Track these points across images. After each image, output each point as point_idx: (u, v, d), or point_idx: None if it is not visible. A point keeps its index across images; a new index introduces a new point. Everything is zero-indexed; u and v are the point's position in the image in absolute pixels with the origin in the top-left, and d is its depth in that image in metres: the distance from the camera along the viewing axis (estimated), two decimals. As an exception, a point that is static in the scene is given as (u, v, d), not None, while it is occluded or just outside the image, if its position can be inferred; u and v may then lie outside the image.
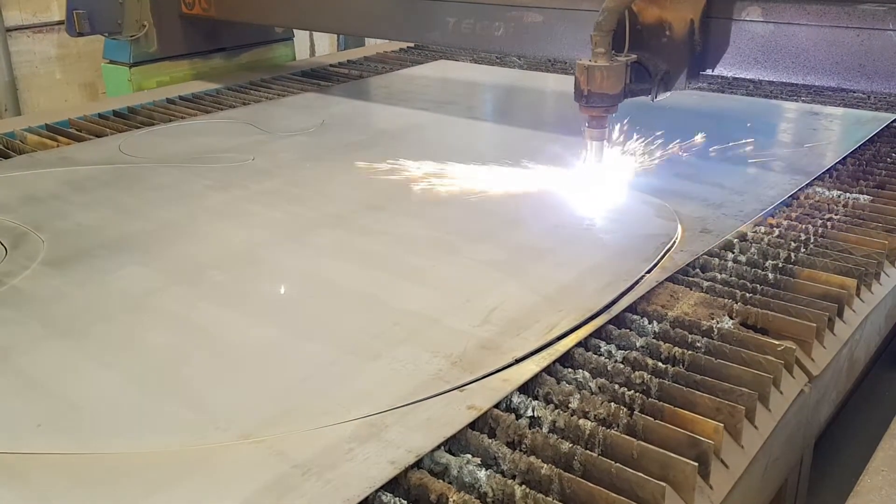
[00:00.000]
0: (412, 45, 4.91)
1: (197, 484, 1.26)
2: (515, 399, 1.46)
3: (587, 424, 1.38)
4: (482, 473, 1.28)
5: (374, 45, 4.98)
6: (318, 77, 4.28)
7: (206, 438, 1.36)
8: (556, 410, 1.43)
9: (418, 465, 1.30)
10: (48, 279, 1.96)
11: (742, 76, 2.40)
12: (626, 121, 2.59)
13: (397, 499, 1.23)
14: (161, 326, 1.75)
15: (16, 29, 5.09)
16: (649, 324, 1.71)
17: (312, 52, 6.22)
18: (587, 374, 1.53)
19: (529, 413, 1.43)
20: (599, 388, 1.50)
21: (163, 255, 2.09)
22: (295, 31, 4.70)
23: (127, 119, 3.47)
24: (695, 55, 2.37)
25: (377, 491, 1.23)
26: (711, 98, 3.66)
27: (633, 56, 2.22)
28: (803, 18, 2.24)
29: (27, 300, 1.86)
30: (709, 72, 2.43)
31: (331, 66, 4.56)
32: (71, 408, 1.46)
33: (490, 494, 1.25)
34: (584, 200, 2.34)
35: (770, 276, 1.91)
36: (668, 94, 2.37)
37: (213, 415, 1.43)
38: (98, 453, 1.34)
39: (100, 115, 3.49)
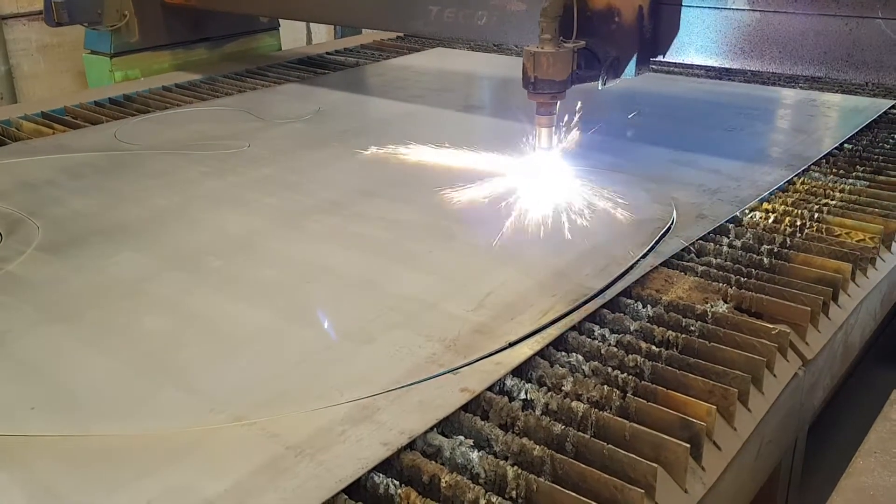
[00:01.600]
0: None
1: (191, 465, 1.27)
2: (509, 382, 1.47)
3: (580, 407, 1.38)
4: (475, 455, 1.28)
5: (371, 34, 4.96)
6: (315, 65, 4.27)
7: (201, 421, 1.37)
8: (550, 393, 1.43)
9: (411, 446, 1.31)
10: (43, 265, 1.96)
11: (728, 66, 2.36)
12: (633, 115, 2.57)
13: (390, 479, 1.23)
14: (156, 312, 1.75)
15: (11, 17, 5.07)
16: (643, 308, 1.72)
17: (309, 40, 6.19)
18: (581, 358, 1.53)
19: (523, 396, 1.44)
20: (593, 371, 1.50)
21: (158, 242, 2.09)
22: (287, 20, 4.66)
23: (122, 106, 3.46)
24: (645, 42, 2.33)
25: (370, 472, 1.24)
26: (709, 85, 3.65)
27: (582, 42, 2.19)
28: (790, 7, 2.20)
29: (22, 285, 1.86)
30: (684, 60, 2.40)
31: (327, 53, 4.54)
32: (66, 391, 1.47)
33: (482, 475, 1.25)
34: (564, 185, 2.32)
35: (765, 260, 1.91)
36: (618, 80, 2.33)
37: (208, 398, 1.43)
38: (93, 435, 1.34)
39: (95, 103, 3.48)
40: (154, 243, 2.08)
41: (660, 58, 2.40)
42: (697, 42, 2.35)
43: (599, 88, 2.29)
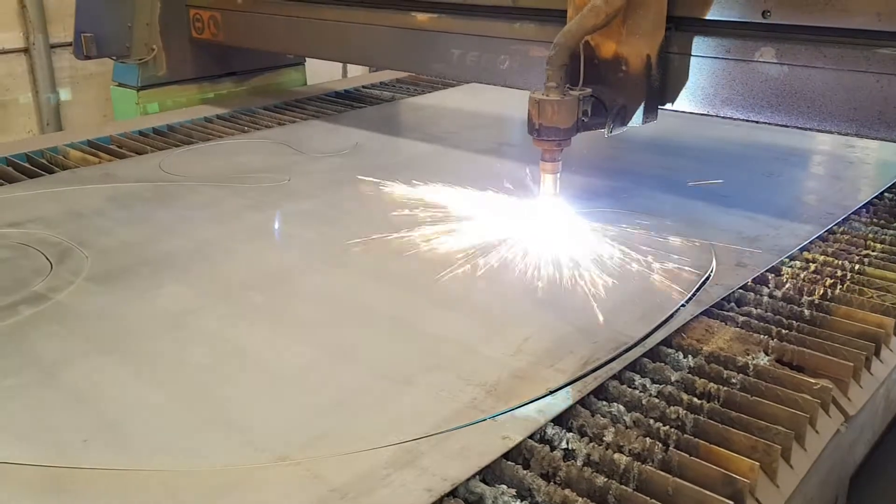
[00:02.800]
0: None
1: (236, 503, 1.29)
2: (549, 430, 1.47)
3: (622, 459, 1.39)
4: (517, 504, 1.29)
5: (408, 68, 5.03)
6: (352, 98, 4.34)
7: (246, 458, 1.39)
8: (591, 443, 1.43)
9: (453, 493, 1.32)
10: (92, 295, 2.01)
11: (755, 120, 2.28)
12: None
13: (433, 527, 1.24)
14: (200, 344, 1.79)
15: (59, 46, 5.22)
16: (684, 358, 1.72)
17: (345, 73, 6.29)
18: (622, 408, 1.53)
19: (564, 445, 1.44)
20: (634, 422, 1.50)
21: (202, 274, 2.13)
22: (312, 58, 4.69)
23: (166, 137, 3.55)
24: (653, 90, 2.35)
25: (413, 518, 1.25)
26: (745, 129, 3.65)
27: (588, 90, 2.22)
28: (819, 62, 2.15)
29: (72, 315, 1.91)
30: (709, 112, 2.38)
31: (363, 87, 4.62)
32: (115, 424, 1.50)
33: (525, 526, 1.26)
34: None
35: (806, 312, 1.91)
36: (625, 128, 2.35)
37: (252, 435, 1.46)
38: (142, 470, 1.36)
39: (140, 132, 3.57)
40: (198, 275, 2.12)
41: (673, 107, 2.41)
42: (723, 94, 2.31)
43: (606, 136, 2.32)
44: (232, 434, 1.47)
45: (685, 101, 2.40)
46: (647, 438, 1.44)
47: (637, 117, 2.34)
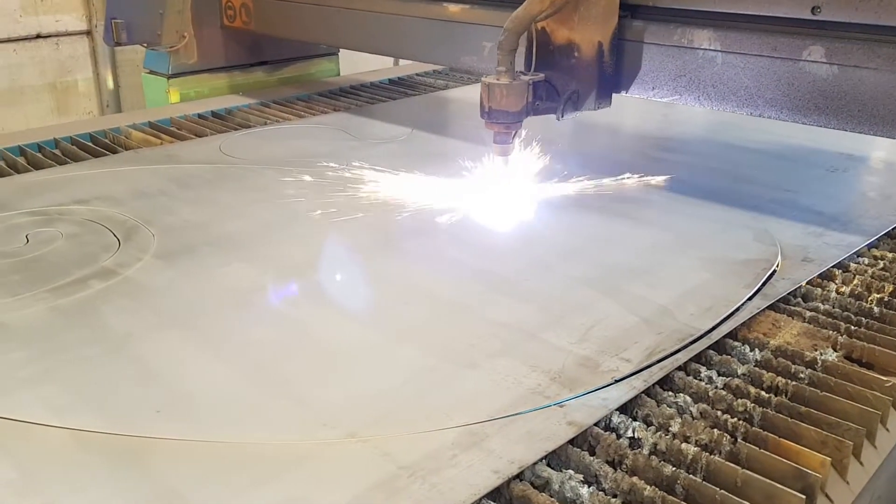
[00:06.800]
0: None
1: (307, 477, 1.31)
2: (615, 419, 1.47)
3: (689, 449, 1.38)
4: (584, 490, 1.29)
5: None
6: (405, 86, 4.36)
7: (315, 434, 1.41)
8: (658, 433, 1.43)
9: (519, 476, 1.32)
10: (159, 272, 2.05)
11: (801, 122, 2.19)
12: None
13: (501, 508, 1.25)
14: (265, 323, 1.82)
15: (120, 29, 5.32)
16: (750, 351, 1.70)
17: (396, 62, 6.31)
18: (688, 399, 1.52)
19: (630, 434, 1.44)
20: (701, 413, 1.49)
21: (264, 254, 2.16)
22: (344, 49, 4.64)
23: (225, 120, 3.60)
24: (605, 77, 2.39)
25: (481, 499, 1.26)
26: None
27: (541, 75, 2.28)
28: (872, 62, 2.03)
29: (140, 290, 1.95)
30: (752, 112, 2.29)
31: (417, 75, 4.63)
32: (185, 396, 1.53)
33: (593, 511, 1.26)
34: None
35: (875, 309, 1.87)
36: (577, 113, 2.39)
37: (319, 411, 1.48)
38: (213, 441, 1.40)
39: (199, 115, 3.63)
40: (260, 256, 2.15)
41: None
42: (767, 94, 2.22)
43: (558, 121, 2.37)
44: (300, 410, 1.49)
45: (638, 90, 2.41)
46: (715, 430, 1.42)
47: (590, 102, 2.39)
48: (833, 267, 2.07)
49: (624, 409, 1.50)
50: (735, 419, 1.46)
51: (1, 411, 1.47)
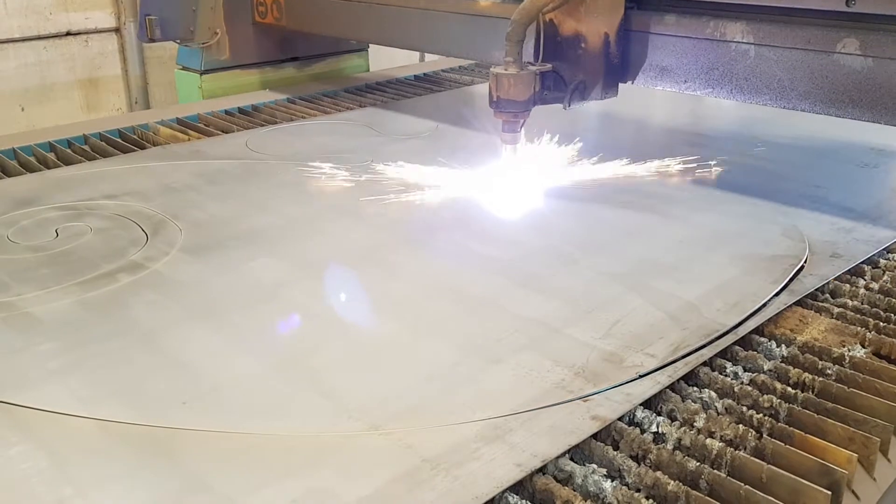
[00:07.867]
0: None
1: (332, 469, 1.32)
2: (639, 413, 1.46)
3: (714, 444, 1.37)
4: (607, 484, 1.28)
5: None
6: (431, 82, 4.36)
7: (339, 426, 1.42)
8: (682, 428, 1.42)
9: (542, 470, 1.32)
10: (186, 266, 2.08)
11: (835, 115, 2.17)
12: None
13: (524, 501, 1.25)
14: (291, 316, 1.84)
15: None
16: (777, 347, 1.68)
17: (422, 58, 6.31)
18: (713, 394, 1.51)
19: (654, 428, 1.43)
20: (726, 408, 1.48)
21: (291, 249, 2.18)
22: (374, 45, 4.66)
23: (251, 116, 3.63)
24: (612, 67, 2.43)
25: (503, 492, 1.26)
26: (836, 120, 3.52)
27: (548, 66, 2.33)
28: None
29: (168, 284, 1.98)
30: (785, 106, 2.27)
31: (442, 71, 4.63)
32: (212, 388, 1.55)
33: (616, 505, 1.25)
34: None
35: (905, 306, 1.84)
36: (584, 102, 2.43)
37: (344, 404, 1.49)
38: (238, 432, 1.41)
39: (226, 112, 3.67)
40: (287, 251, 2.17)
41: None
42: (800, 87, 2.21)
43: (564, 110, 2.41)
44: (325, 402, 1.50)
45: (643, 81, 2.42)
46: (740, 425, 1.41)
47: (597, 92, 2.44)
48: (862, 263, 2.05)
49: (648, 404, 1.49)
50: (761, 415, 1.45)
51: (31, 402, 1.50)
